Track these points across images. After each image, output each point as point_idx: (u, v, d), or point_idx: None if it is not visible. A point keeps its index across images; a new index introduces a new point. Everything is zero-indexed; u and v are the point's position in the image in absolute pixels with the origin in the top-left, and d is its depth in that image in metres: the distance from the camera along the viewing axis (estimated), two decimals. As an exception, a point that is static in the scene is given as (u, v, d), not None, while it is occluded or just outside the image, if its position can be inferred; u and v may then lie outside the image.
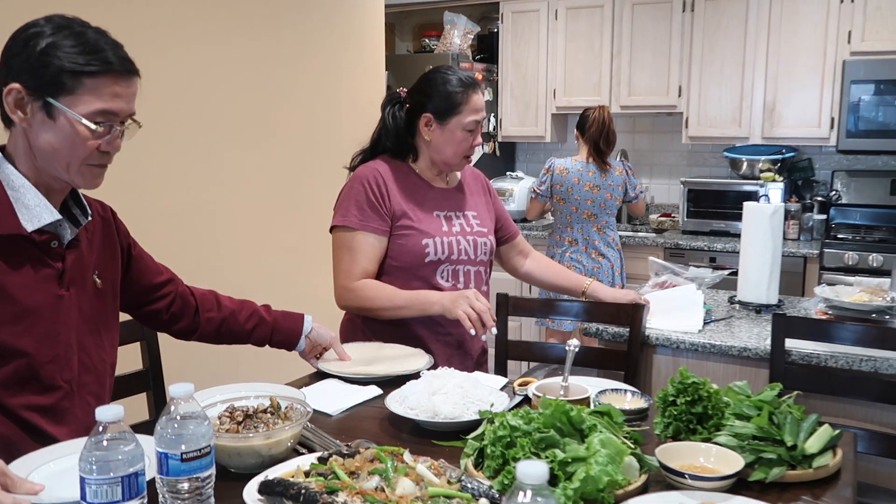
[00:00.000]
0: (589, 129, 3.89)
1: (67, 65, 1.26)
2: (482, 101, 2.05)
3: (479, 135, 2.07)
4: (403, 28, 5.70)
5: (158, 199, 2.52)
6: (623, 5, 4.66)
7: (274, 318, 1.82)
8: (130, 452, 1.01)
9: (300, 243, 3.07)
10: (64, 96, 1.27)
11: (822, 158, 4.59)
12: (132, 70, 1.33)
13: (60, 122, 1.29)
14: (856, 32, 4.08)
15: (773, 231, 2.50)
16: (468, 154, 2.08)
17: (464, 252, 2.07)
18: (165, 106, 2.53)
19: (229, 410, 1.42)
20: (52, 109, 1.28)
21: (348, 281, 2.01)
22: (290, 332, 1.84)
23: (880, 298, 2.29)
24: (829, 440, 1.36)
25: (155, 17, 2.47)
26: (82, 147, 1.30)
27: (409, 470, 1.17)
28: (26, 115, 1.29)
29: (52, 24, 1.29)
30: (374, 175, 2.03)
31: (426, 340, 2.05)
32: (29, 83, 1.27)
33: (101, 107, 1.29)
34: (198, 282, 1.81)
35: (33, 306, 1.33)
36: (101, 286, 1.48)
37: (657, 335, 2.30)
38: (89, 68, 1.27)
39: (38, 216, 1.32)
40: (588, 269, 3.92)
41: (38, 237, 1.34)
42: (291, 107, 3.08)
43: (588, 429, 1.28)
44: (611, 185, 3.91)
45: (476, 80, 2.06)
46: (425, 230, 2.03)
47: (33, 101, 1.28)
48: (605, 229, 3.96)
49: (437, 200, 2.10)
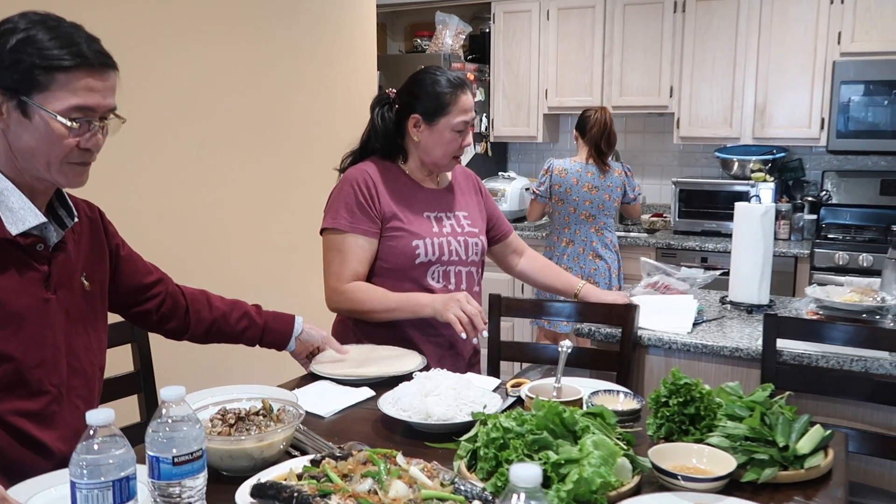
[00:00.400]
0: (590, 130, 3.86)
1: (39, 60, 1.22)
2: (471, 102, 2.05)
3: (468, 135, 2.06)
4: (395, 28, 5.69)
5: (151, 200, 2.51)
6: (614, 6, 4.66)
7: (265, 320, 1.82)
8: (121, 456, 1.00)
9: (293, 244, 3.07)
10: (38, 93, 1.24)
11: (813, 159, 4.61)
12: (108, 63, 1.29)
13: (36, 120, 1.25)
14: (846, 33, 4.10)
15: (765, 231, 2.51)
16: (457, 154, 2.07)
17: (455, 253, 2.07)
18: (158, 107, 2.51)
19: (221, 413, 1.42)
20: (26, 108, 1.25)
21: (339, 283, 2.01)
22: (281, 334, 1.84)
23: (871, 298, 2.30)
24: (821, 440, 1.37)
25: (148, 20, 2.46)
26: (60, 145, 1.27)
27: (402, 472, 1.17)
28: (3, 116, 1.26)
29: (25, 20, 1.25)
30: (364, 177, 2.02)
31: (417, 342, 2.05)
32: (2, 82, 1.24)
33: (75, 102, 1.25)
34: (191, 282, 1.80)
35: (19, 311, 1.31)
36: (88, 288, 1.47)
37: (649, 335, 2.30)
38: (62, 63, 1.23)
39: (22, 219, 1.30)
40: (585, 270, 3.92)
41: (22, 240, 1.31)
42: (283, 108, 3.08)
43: (581, 430, 1.29)
44: (609, 187, 3.90)
45: (465, 81, 2.05)
46: (415, 231, 2.03)
47: (7, 101, 1.25)
48: (602, 230, 3.94)
49: (427, 201, 2.09)
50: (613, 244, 4.00)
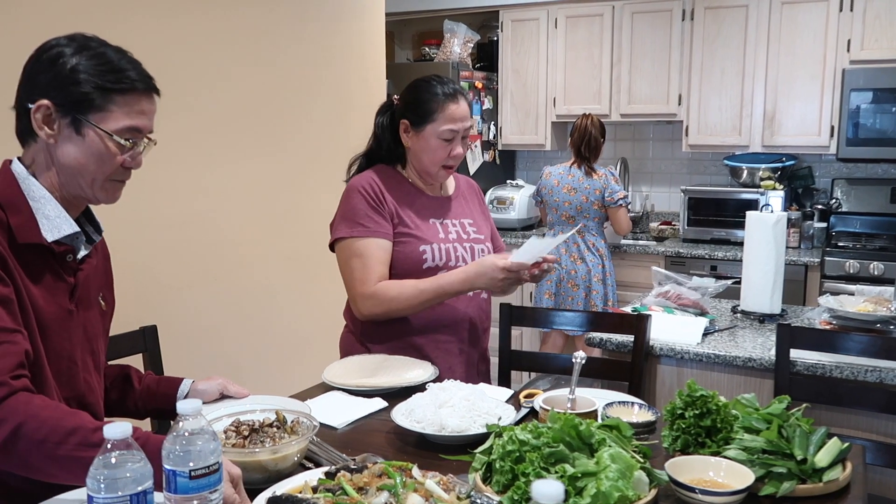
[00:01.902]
0: (571, 135, 4.10)
1: (100, 81, 1.30)
2: (462, 112, 2.00)
3: (457, 146, 2.01)
4: (403, 36, 5.70)
5: (160, 210, 2.51)
6: (622, 14, 4.66)
7: (145, 385, 1.63)
8: (139, 470, 1.00)
9: (305, 252, 3.06)
10: (94, 113, 1.31)
11: (822, 166, 4.60)
12: (155, 88, 1.38)
13: (89, 137, 1.31)
14: (855, 41, 4.09)
15: (777, 240, 2.50)
16: (448, 164, 2.04)
17: (461, 259, 2.05)
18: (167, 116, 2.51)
19: (235, 425, 1.42)
20: (80, 126, 1.31)
21: (366, 287, 1.96)
22: (165, 398, 1.62)
23: (885, 308, 2.29)
24: (839, 453, 1.36)
25: (163, 33, 2.47)
26: (110, 162, 1.33)
27: (418, 485, 1.16)
28: (53, 132, 1.31)
29: (74, 44, 1.32)
30: (370, 182, 2.03)
31: (426, 349, 2.04)
32: (58, 100, 1.30)
33: (129, 123, 1.33)
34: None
35: (49, 318, 1.33)
36: (104, 308, 1.50)
37: (661, 345, 2.29)
38: (119, 86, 1.31)
39: (57, 227, 1.33)
40: (565, 271, 4.04)
41: (56, 248, 1.34)
42: (295, 117, 3.08)
43: (597, 443, 1.28)
44: (587, 189, 4.00)
45: (457, 90, 2.02)
46: (423, 236, 2.02)
47: (61, 118, 1.31)
48: (584, 233, 4.06)
49: (432, 208, 2.09)
50: (597, 248, 4.05)
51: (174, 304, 2.54)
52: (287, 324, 3.02)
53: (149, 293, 2.45)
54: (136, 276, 2.43)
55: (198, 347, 2.57)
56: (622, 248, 4.43)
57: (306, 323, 3.08)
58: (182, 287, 2.59)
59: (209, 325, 2.69)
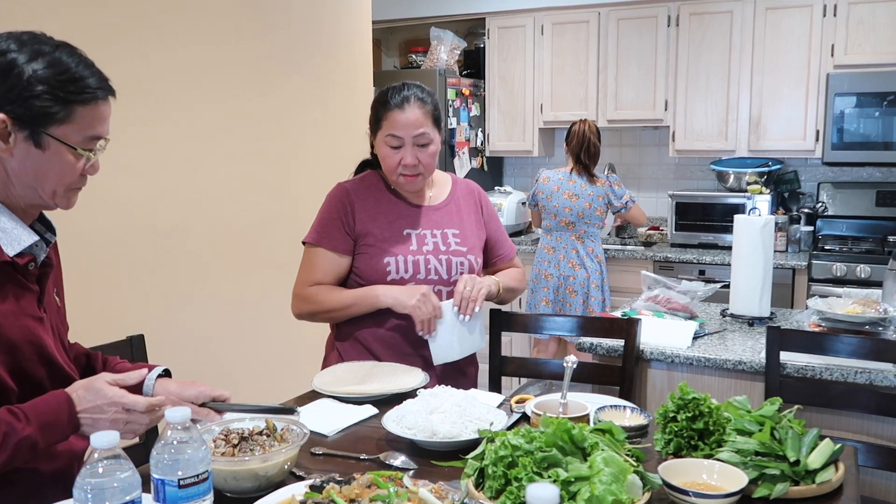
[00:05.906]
0: (571, 141, 4.07)
1: (61, 94, 1.25)
2: (407, 119, 1.95)
3: (407, 154, 1.96)
4: (390, 44, 5.70)
5: (146, 218, 2.49)
6: (608, 20, 4.68)
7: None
8: (126, 480, 0.98)
9: (289, 260, 3.04)
10: (55, 126, 1.27)
11: (808, 170, 4.63)
12: (112, 91, 1.34)
13: (51, 150, 1.28)
14: (839, 46, 4.12)
15: (765, 243, 2.51)
16: (405, 173, 1.99)
17: (433, 271, 2.03)
18: (153, 123, 2.50)
19: (224, 433, 1.40)
20: (40, 139, 1.26)
21: (300, 290, 2.07)
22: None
23: (873, 310, 2.30)
24: (832, 455, 1.36)
25: (146, 35, 2.45)
26: (72, 173, 1.31)
27: (412, 495, 1.15)
28: (8, 145, 1.26)
29: (27, 49, 1.25)
30: (342, 194, 2.06)
31: (414, 357, 2.02)
32: (15, 113, 1.24)
33: (91, 133, 1.30)
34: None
35: (18, 334, 1.29)
36: (59, 305, 1.46)
37: (651, 349, 2.29)
38: (81, 97, 1.27)
39: (17, 239, 1.29)
40: (564, 277, 4.04)
41: (19, 261, 1.30)
42: (279, 123, 3.07)
43: (590, 447, 1.27)
44: (590, 195, 4.00)
45: (408, 97, 1.98)
46: (388, 248, 2.01)
47: (18, 131, 1.26)
48: (584, 239, 4.05)
49: (409, 217, 2.07)
50: (596, 255, 4.07)
51: (161, 312, 2.52)
52: (276, 331, 3.00)
53: (136, 302, 2.43)
54: (123, 285, 2.41)
55: (186, 356, 2.54)
56: (610, 253, 4.43)
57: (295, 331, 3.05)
58: (170, 295, 2.57)
59: (198, 333, 2.66)
